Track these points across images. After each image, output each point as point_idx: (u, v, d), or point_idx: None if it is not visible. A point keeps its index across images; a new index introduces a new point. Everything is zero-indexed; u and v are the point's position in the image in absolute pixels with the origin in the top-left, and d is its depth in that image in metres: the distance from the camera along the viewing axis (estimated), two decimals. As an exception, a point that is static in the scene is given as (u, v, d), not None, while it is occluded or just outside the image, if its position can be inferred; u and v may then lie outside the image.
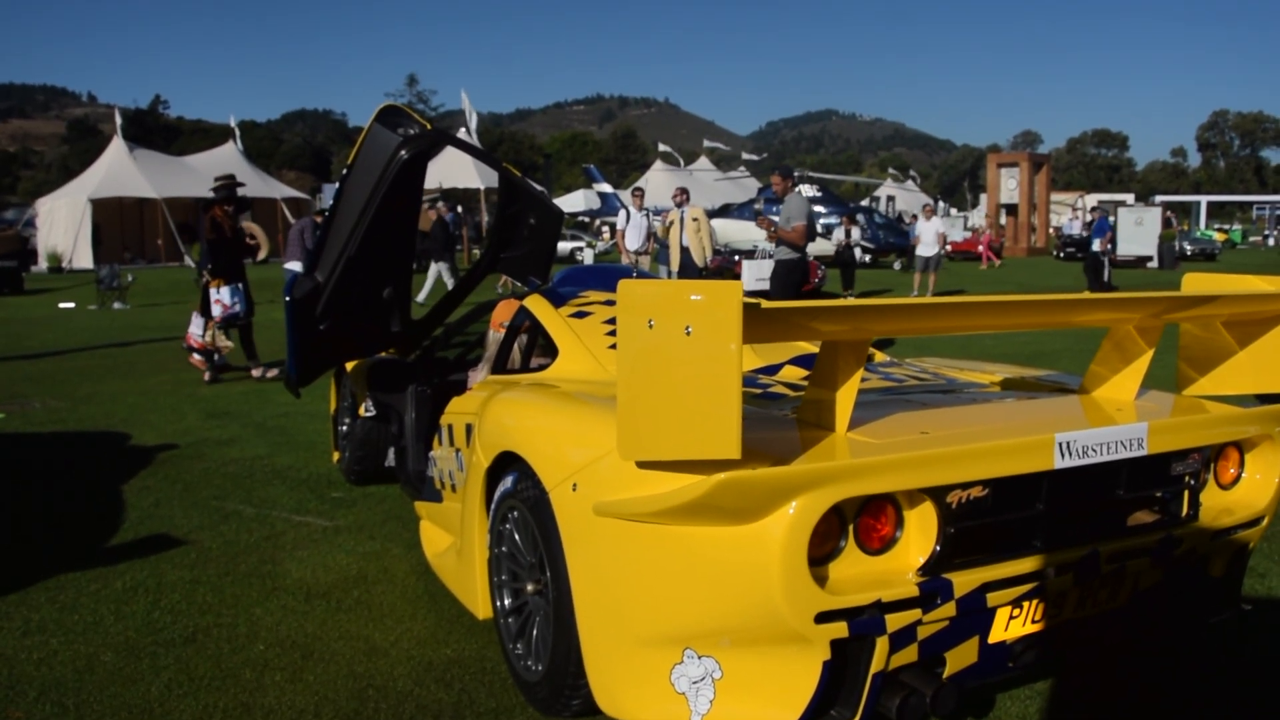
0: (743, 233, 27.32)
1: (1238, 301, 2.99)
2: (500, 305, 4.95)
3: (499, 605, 3.43)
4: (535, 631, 3.18)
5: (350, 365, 5.85)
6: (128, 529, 5.10)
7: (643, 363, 2.26)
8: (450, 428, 4.22)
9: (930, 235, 19.63)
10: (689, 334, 2.17)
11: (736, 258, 20.33)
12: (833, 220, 29.86)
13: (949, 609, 2.47)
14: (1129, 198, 59.73)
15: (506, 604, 3.39)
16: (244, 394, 9.14)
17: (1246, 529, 3.05)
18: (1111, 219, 23.72)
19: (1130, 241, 32.34)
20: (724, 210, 32.91)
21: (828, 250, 23.08)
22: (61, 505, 5.57)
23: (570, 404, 3.28)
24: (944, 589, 2.45)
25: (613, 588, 2.68)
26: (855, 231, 21.69)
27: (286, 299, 4.78)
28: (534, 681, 3.10)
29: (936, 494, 2.46)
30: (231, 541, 4.87)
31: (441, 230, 17.79)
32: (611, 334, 3.93)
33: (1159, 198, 59.42)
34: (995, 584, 2.54)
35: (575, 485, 2.80)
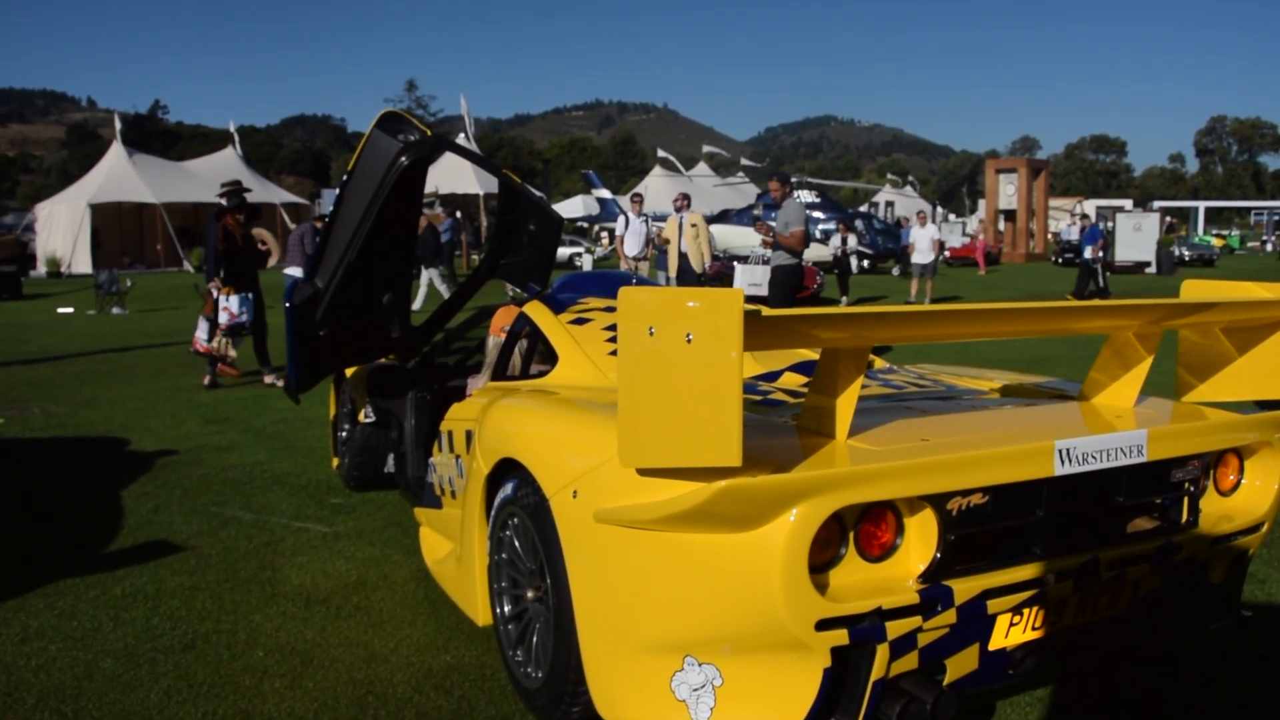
0: (741, 238, 27.31)
1: (1237, 308, 2.99)
2: (500, 311, 4.95)
3: (499, 612, 3.43)
4: (535, 638, 3.17)
5: (350, 371, 5.85)
6: (126, 535, 5.10)
7: (643, 370, 2.26)
8: (450, 434, 4.22)
9: (925, 242, 19.56)
10: (690, 341, 2.17)
11: (735, 263, 20.33)
12: (830, 226, 29.86)
13: (949, 616, 2.48)
14: (1127, 203, 59.77)
15: (506, 611, 3.39)
16: (243, 400, 9.13)
17: (1246, 535, 3.05)
18: (1110, 225, 23.77)
19: (1128, 247, 32.37)
20: (723, 216, 32.90)
21: (825, 256, 23.07)
22: (60, 511, 5.57)
23: (570, 411, 3.29)
24: (944, 596, 2.45)
25: (613, 595, 2.68)
26: (852, 239, 21.60)
27: (286, 305, 4.79)
28: (534, 688, 3.10)
29: (937, 501, 2.46)
30: (231, 548, 4.86)
31: (432, 237, 17.81)
32: (611, 340, 3.93)
33: (1157, 203, 59.44)
34: (995, 591, 2.54)
35: (575, 492, 2.80)
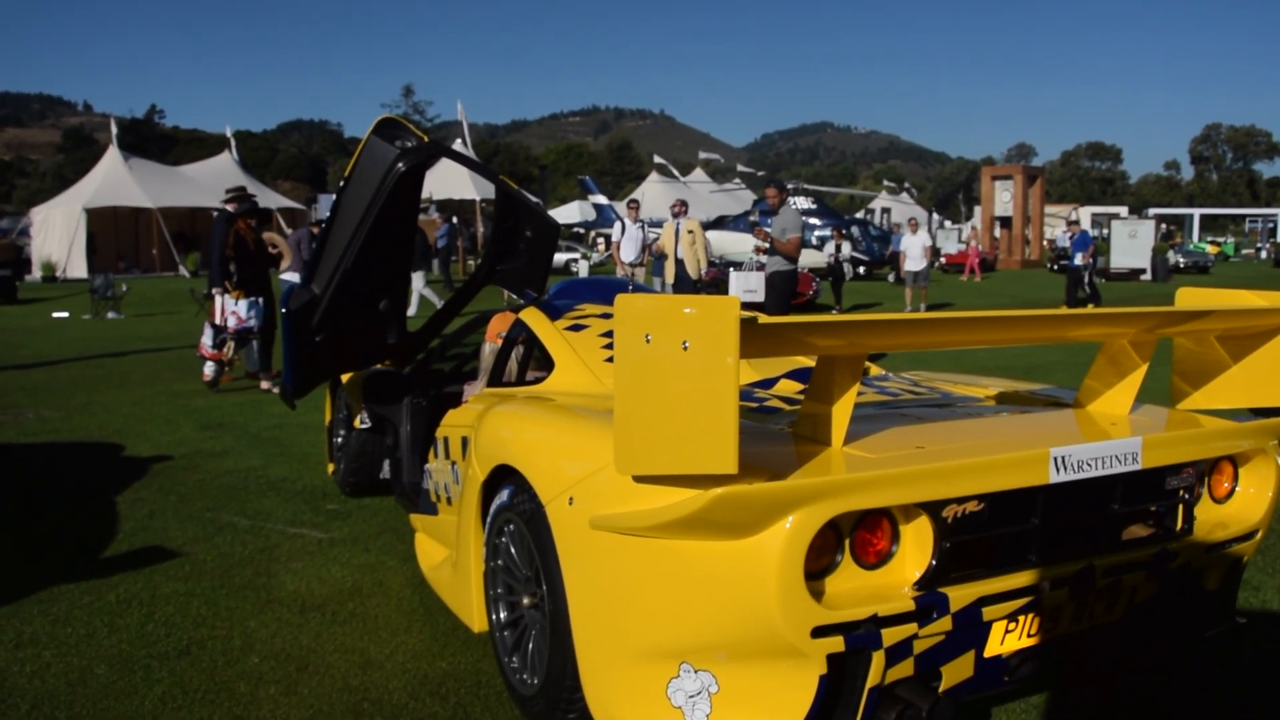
0: (737, 244, 27.34)
1: (1231, 316, 3.00)
2: (496, 317, 4.96)
3: (495, 618, 3.43)
4: (531, 645, 3.17)
5: (346, 377, 5.84)
6: (121, 541, 5.09)
7: (640, 377, 2.26)
8: (446, 440, 4.22)
9: (917, 249, 19.46)
10: (686, 349, 2.18)
11: (731, 270, 20.34)
12: (826, 233, 29.90)
13: (945, 623, 2.48)
14: (1123, 210, 59.94)
15: (502, 617, 3.39)
16: (239, 405, 9.12)
17: (1241, 542, 3.06)
18: (1106, 231, 23.82)
19: (1124, 254, 32.42)
20: (719, 222, 32.94)
21: (819, 262, 23.06)
22: (55, 517, 5.55)
23: (567, 418, 3.29)
24: (940, 603, 2.46)
25: (609, 601, 2.68)
26: (846, 246, 21.51)
27: (283, 310, 4.79)
28: (530, 695, 3.10)
29: (932, 508, 2.47)
30: (226, 554, 4.85)
31: (421, 241, 17.81)
32: (608, 347, 3.93)
33: (1152, 210, 59.59)
34: (991, 598, 2.54)
35: (571, 499, 2.80)
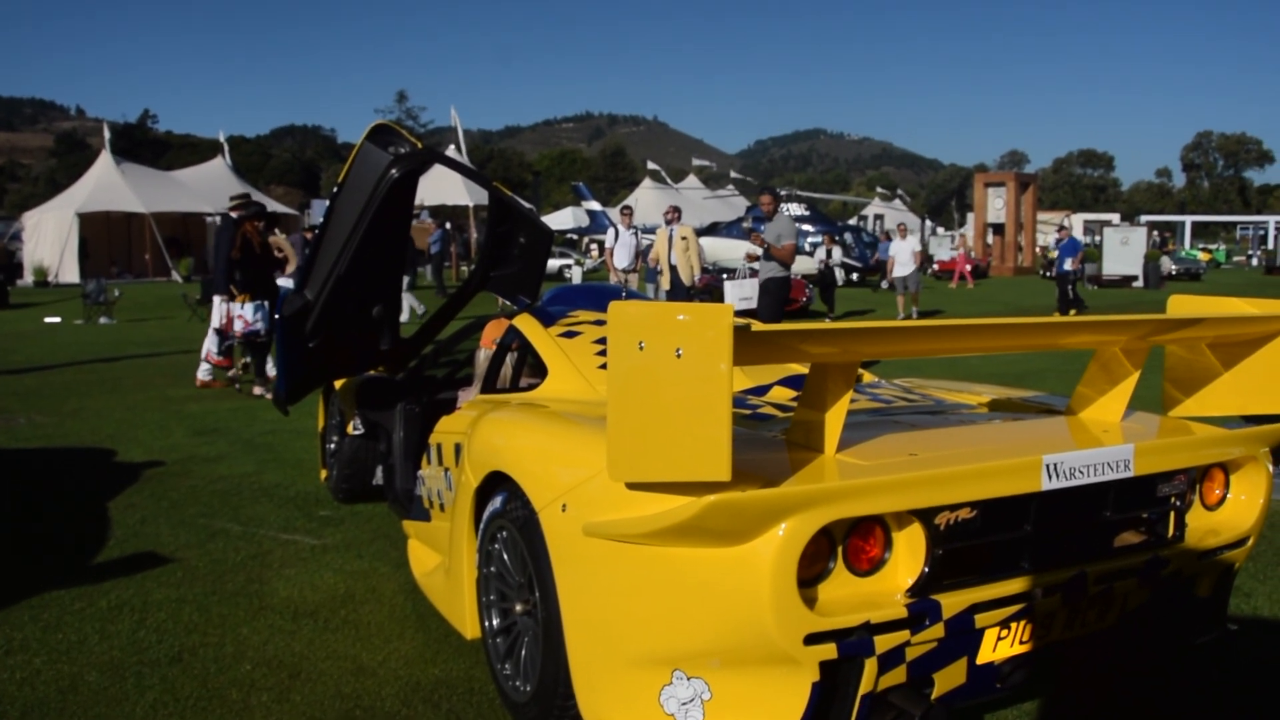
0: (730, 251, 27.34)
1: (1222, 324, 3.02)
2: (490, 324, 4.96)
3: (487, 625, 3.43)
4: (524, 652, 3.17)
5: (339, 383, 5.84)
6: (113, 546, 5.07)
7: (633, 384, 2.27)
8: (439, 447, 4.21)
9: (906, 255, 19.48)
10: (679, 356, 2.18)
11: (724, 276, 20.35)
12: (819, 239, 29.92)
13: (937, 630, 2.48)
14: (1115, 217, 60.07)
15: (495, 624, 3.38)
16: (232, 411, 9.11)
17: (1232, 549, 3.07)
18: (1098, 238, 23.90)
19: (1116, 261, 32.52)
20: (712, 229, 32.96)
21: (810, 268, 23.05)
22: (46, 522, 5.54)
23: (560, 424, 3.29)
24: (932, 610, 2.46)
25: (602, 608, 2.68)
26: (836, 251, 21.45)
27: (276, 316, 4.79)
28: (522, 702, 3.09)
29: (925, 515, 2.47)
30: (218, 560, 4.84)
31: (410, 247, 17.80)
32: (601, 354, 3.93)
33: (1144, 217, 59.75)
34: (983, 605, 2.55)
35: (565, 506, 2.80)
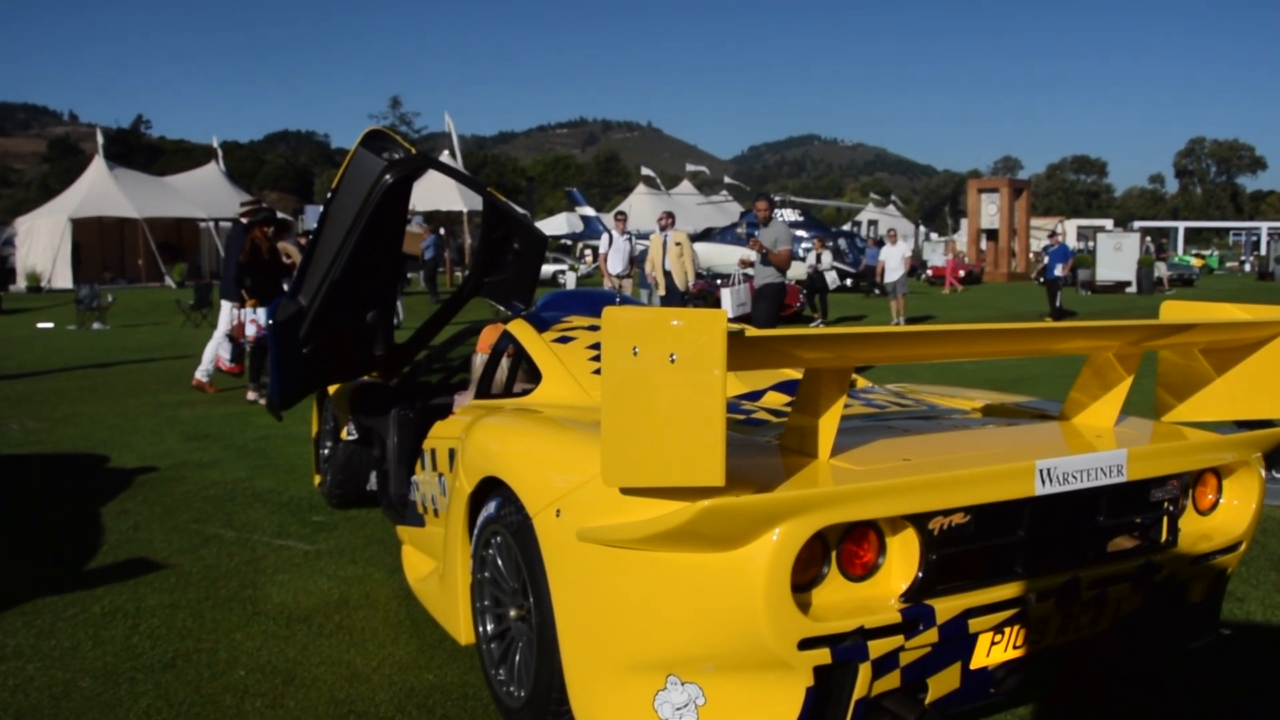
0: (724, 256, 27.38)
1: (1215, 329, 3.03)
2: (487, 329, 4.95)
3: (481, 631, 3.42)
4: (518, 657, 3.17)
5: (333, 388, 5.83)
6: (106, 552, 5.06)
7: (627, 389, 2.27)
8: (433, 452, 4.21)
9: (895, 260, 19.70)
10: (673, 361, 2.19)
11: (718, 282, 20.35)
12: (809, 244, 29.93)
13: (931, 635, 2.49)
14: (1108, 223, 60.27)
15: (489, 629, 3.38)
16: (225, 416, 9.09)
17: (1225, 554, 3.08)
18: (1091, 244, 23.94)
19: (1109, 267, 32.59)
20: (706, 234, 33.00)
21: (800, 274, 23.03)
22: (39, 528, 5.52)
23: (554, 429, 3.29)
24: (926, 615, 2.47)
25: (596, 614, 2.68)
26: (826, 256, 21.40)
27: (269, 322, 4.79)
28: (517, 708, 3.09)
29: (919, 520, 2.48)
30: (212, 565, 4.83)
31: None
32: (595, 359, 3.94)
33: (1137, 223, 59.94)
34: (977, 610, 2.55)
35: (559, 511, 2.80)
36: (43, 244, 32.75)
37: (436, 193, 35.17)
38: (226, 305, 10.09)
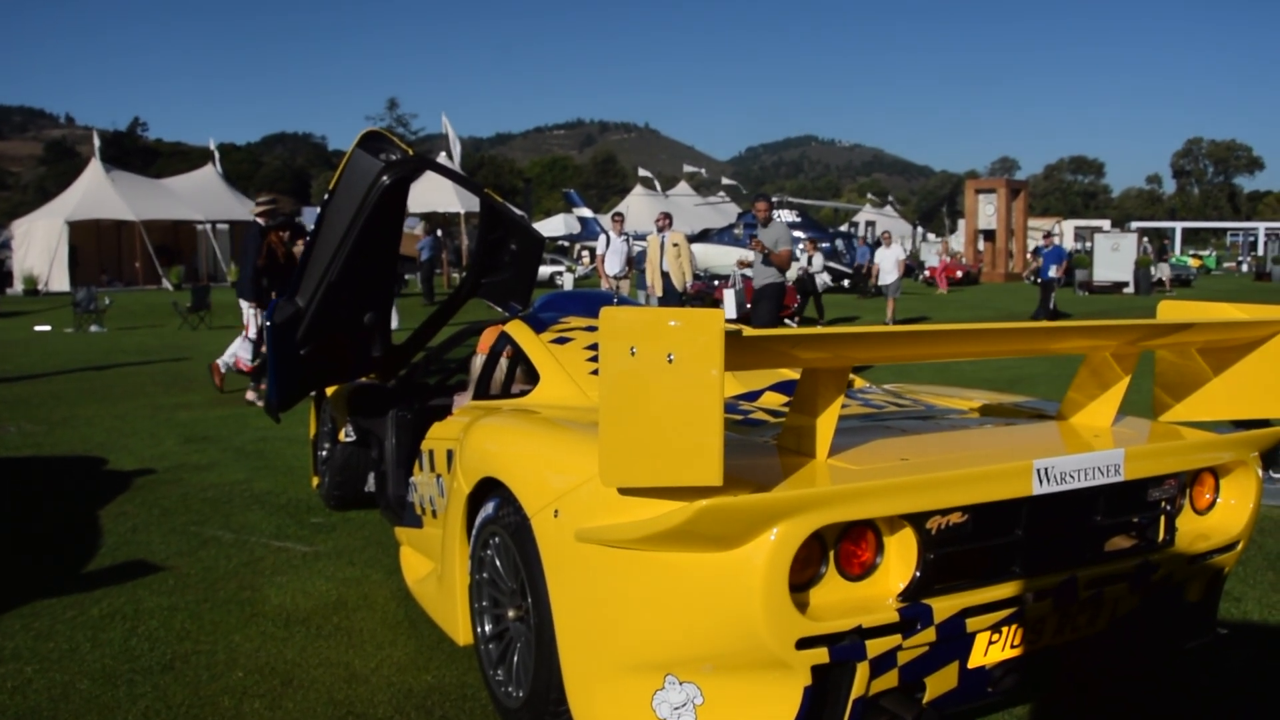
0: (722, 257, 27.38)
1: (1213, 329, 3.03)
2: (487, 330, 4.96)
3: (480, 631, 3.43)
4: (516, 658, 3.17)
5: (330, 390, 5.83)
6: (104, 555, 5.06)
7: (625, 389, 2.27)
8: (431, 453, 4.21)
9: (890, 262, 19.83)
10: (671, 361, 2.19)
11: (716, 283, 20.34)
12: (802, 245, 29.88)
13: (929, 634, 2.49)
14: (1105, 224, 60.32)
15: (487, 630, 3.38)
16: (222, 418, 9.09)
17: (1222, 554, 3.08)
18: (1088, 244, 23.95)
19: (1106, 267, 32.62)
20: (703, 235, 33.00)
21: (791, 275, 22.95)
22: (37, 531, 5.52)
23: (552, 430, 3.29)
24: (924, 614, 2.47)
25: (594, 614, 2.68)
26: (817, 258, 21.32)
27: (267, 324, 4.79)
28: (515, 708, 3.09)
29: (916, 520, 2.48)
30: (210, 567, 4.83)
31: None
32: (593, 360, 3.94)
33: (1135, 224, 60.00)
34: (975, 609, 2.55)
35: (557, 511, 2.81)
36: (39, 247, 32.71)
37: (434, 194, 35.16)
38: (245, 306, 10.04)
